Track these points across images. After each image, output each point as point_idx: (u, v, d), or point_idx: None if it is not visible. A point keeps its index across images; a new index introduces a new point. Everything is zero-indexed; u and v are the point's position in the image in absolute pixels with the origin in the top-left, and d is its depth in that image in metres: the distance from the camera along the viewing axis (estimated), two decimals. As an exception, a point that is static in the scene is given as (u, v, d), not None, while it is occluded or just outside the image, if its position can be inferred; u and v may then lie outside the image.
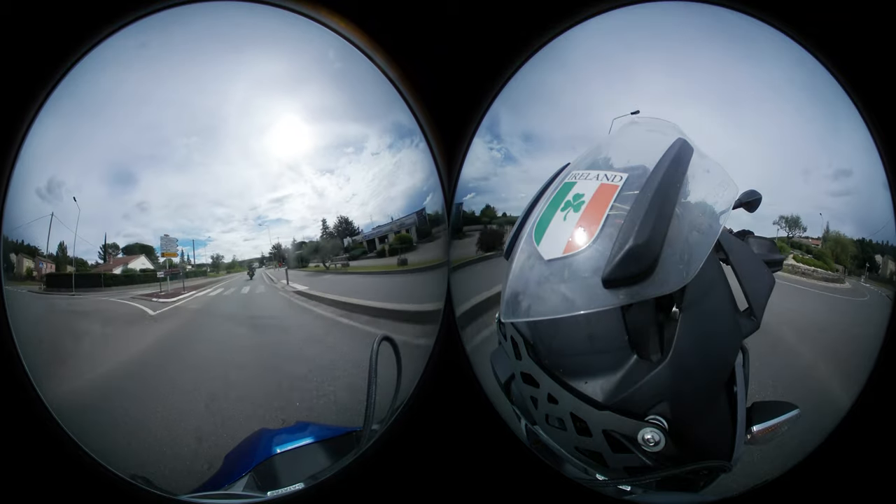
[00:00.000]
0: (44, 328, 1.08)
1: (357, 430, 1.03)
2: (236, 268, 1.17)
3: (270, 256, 1.16)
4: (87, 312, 1.12)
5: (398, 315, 1.20)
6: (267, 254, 1.15)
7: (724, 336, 0.70)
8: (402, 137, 1.09)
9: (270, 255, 1.16)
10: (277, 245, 1.13)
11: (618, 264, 0.61)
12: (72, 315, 1.13)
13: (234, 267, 1.16)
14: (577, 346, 0.68)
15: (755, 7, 0.98)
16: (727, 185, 0.71)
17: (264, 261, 1.18)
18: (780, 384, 1.00)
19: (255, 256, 1.16)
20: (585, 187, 0.68)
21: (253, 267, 1.20)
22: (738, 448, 0.73)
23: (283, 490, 0.98)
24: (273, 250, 1.15)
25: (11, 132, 0.97)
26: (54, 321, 1.12)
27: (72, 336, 1.10)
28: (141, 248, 1.11)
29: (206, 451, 1.07)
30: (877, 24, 0.95)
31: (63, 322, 1.14)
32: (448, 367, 1.10)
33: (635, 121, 0.81)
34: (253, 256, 1.17)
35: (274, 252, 1.15)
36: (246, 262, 1.17)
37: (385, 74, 1.09)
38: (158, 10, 0.99)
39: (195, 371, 1.19)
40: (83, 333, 1.10)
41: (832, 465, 0.95)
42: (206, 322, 1.23)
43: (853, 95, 0.96)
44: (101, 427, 1.05)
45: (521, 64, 1.09)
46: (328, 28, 1.05)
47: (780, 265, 0.80)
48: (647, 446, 0.64)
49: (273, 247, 1.14)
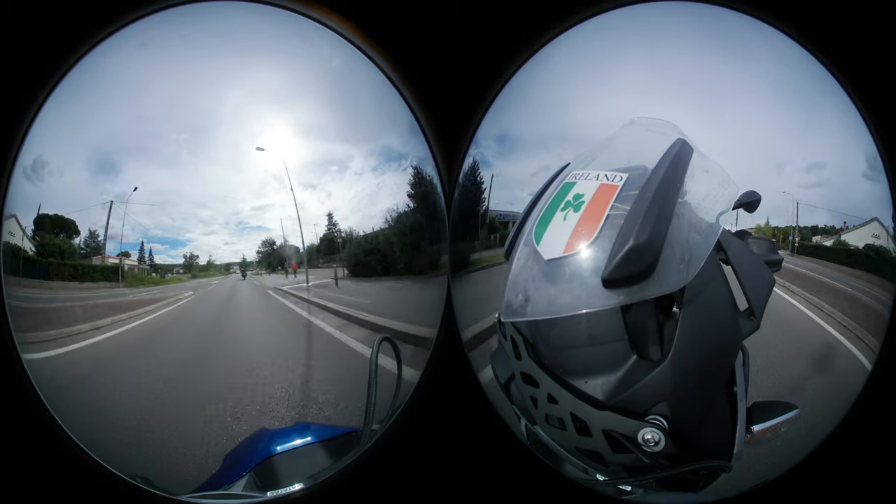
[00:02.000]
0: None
1: (357, 430, 1.03)
2: (211, 270, 1.17)
3: (260, 258, 1.17)
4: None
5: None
6: (250, 257, 1.16)
7: (725, 336, 0.70)
8: (389, 161, 1.13)
9: (263, 255, 1.16)
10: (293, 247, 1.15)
11: (618, 264, 0.61)
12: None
13: (210, 269, 1.16)
14: (577, 346, 0.68)
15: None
16: (727, 185, 0.71)
17: (246, 264, 1.19)
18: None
19: (235, 260, 1.17)
20: (585, 187, 0.69)
21: (245, 269, 1.20)
22: (738, 448, 0.73)
23: (282, 490, 0.98)
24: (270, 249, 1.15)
25: (11, 132, 0.98)
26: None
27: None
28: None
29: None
30: (861, 13, 0.96)
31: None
32: (448, 367, 1.10)
33: (635, 121, 0.81)
34: (233, 260, 1.17)
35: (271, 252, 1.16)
36: (225, 265, 1.18)
37: (386, 75, 1.09)
38: (172, 5, 1.00)
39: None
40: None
41: (832, 465, 0.95)
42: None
43: (849, 91, 0.96)
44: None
45: (521, 64, 1.09)
46: (335, 32, 1.06)
47: (779, 265, 0.80)
48: (647, 446, 0.64)
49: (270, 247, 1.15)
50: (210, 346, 1.23)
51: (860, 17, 0.97)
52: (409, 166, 1.14)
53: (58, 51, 0.97)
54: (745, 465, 0.76)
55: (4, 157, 0.98)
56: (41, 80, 0.97)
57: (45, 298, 1.09)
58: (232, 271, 1.19)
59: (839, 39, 0.96)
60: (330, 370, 1.22)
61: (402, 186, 1.15)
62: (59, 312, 1.09)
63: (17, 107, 0.97)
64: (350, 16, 1.06)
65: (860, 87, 0.96)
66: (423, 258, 1.19)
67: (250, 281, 1.22)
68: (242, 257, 1.16)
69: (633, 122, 0.81)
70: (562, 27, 1.06)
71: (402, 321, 1.20)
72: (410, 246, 1.19)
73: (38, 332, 1.04)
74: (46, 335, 1.05)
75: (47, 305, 1.09)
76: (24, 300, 1.04)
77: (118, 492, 0.99)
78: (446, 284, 1.13)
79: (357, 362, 1.14)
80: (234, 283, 1.22)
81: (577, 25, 1.06)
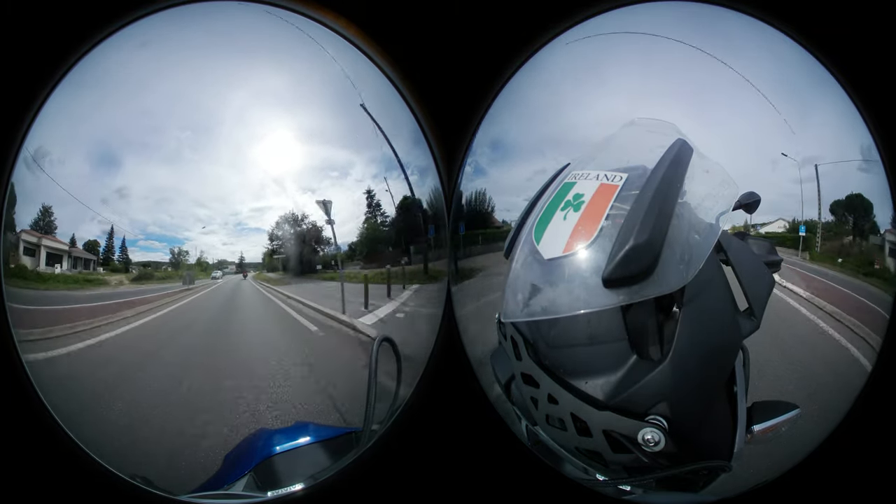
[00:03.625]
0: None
1: (357, 430, 1.03)
2: (210, 269, 1.17)
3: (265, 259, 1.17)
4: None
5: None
6: (248, 258, 1.16)
7: (725, 336, 0.70)
8: (390, 169, 1.14)
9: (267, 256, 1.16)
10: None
11: (618, 264, 0.61)
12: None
13: (204, 266, 1.15)
14: (578, 346, 0.68)
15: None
16: (727, 185, 0.71)
17: (244, 265, 1.19)
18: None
19: (232, 261, 1.17)
20: (585, 187, 0.69)
21: (245, 268, 1.20)
22: (738, 448, 0.73)
23: (282, 490, 0.98)
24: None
25: (10, 133, 0.98)
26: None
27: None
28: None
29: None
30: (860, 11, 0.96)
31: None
32: (448, 368, 1.10)
33: (635, 121, 0.81)
34: (231, 261, 1.17)
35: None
36: (218, 264, 1.18)
37: (388, 77, 1.09)
38: (172, 5, 1.00)
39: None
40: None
41: (832, 465, 0.95)
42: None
43: (848, 90, 0.96)
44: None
45: (521, 64, 1.09)
46: (342, 36, 1.06)
47: (779, 266, 0.80)
48: (647, 446, 0.64)
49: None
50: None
51: (859, 15, 0.97)
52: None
53: (59, 49, 0.97)
54: (745, 465, 0.77)
55: (5, 157, 0.98)
56: (44, 79, 0.97)
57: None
58: (215, 275, 1.19)
59: (838, 38, 0.96)
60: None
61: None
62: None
63: (19, 106, 0.97)
64: (353, 18, 1.06)
65: (859, 86, 0.97)
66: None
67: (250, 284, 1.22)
68: (241, 257, 1.16)
69: (632, 122, 0.81)
70: (559, 29, 1.07)
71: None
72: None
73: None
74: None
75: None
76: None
77: (118, 492, 0.99)
78: (446, 288, 1.14)
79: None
80: (238, 282, 1.22)
81: (574, 26, 1.07)
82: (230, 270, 1.19)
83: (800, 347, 1.09)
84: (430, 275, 1.20)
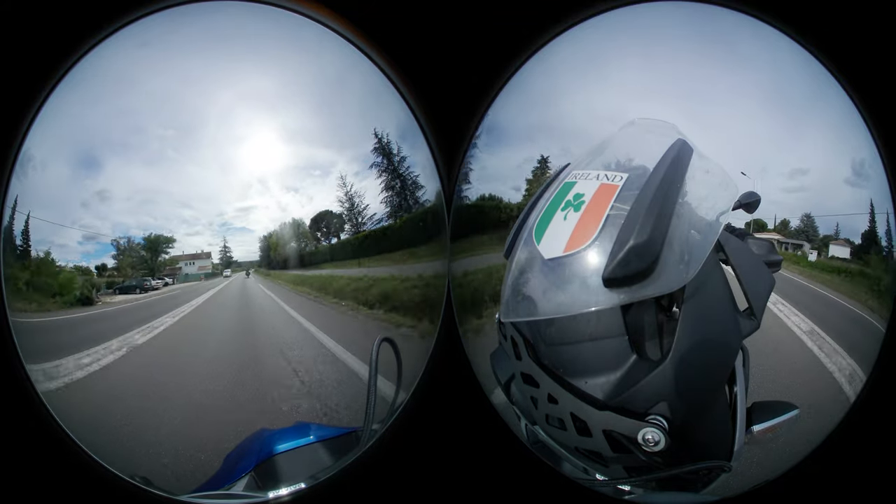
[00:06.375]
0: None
1: (357, 430, 1.03)
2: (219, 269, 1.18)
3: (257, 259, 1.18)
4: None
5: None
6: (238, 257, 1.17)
7: (725, 336, 0.70)
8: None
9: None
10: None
11: (618, 264, 0.61)
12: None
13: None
14: (577, 346, 0.68)
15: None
16: (727, 185, 0.71)
17: (231, 264, 1.19)
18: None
19: (217, 261, 1.18)
20: (586, 187, 0.69)
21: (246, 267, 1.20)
22: (738, 448, 0.73)
23: (283, 490, 0.98)
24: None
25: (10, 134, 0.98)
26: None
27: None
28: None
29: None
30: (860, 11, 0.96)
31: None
32: (448, 367, 1.10)
33: (635, 122, 0.81)
34: (235, 260, 1.18)
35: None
36: (224, 263, 1.18)
37: (385, 74, 1.09)
38: (166, 7, 0.99)
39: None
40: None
41: (832, 465, 0.95)
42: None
43: (852, 95, 0.96)
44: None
45: (521, 64, 1.09)
46: (333, 31, 1.06)
47: (779, 266, 0.80)
48: (647, 446, 0.64)
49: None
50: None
51: (858, 15, 0.97)
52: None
53: (47, 52, 0.97)
54: (745, 465, 0.77)
55: (4, 159, 0.98)
56: (39, 81, 0.97)
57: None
58: (226, 273, 1.19)
59: (838, 38, 0.97)
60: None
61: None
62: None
63: (13, 109, 0.97)
64: (346, 14, 1.06)
65: (860, 87, 0.97)
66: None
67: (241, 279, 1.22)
68: (229, 256, 1.17)
69: (632, 122, 0.81)
70: (561, 28, 1.07)
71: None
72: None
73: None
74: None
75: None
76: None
77: (118, 492, 0.99)
78: (446, 283, 1.14)
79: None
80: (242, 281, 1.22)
81: (576, 25, 1.07)
82: (239, 269, 1.20)
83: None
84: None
